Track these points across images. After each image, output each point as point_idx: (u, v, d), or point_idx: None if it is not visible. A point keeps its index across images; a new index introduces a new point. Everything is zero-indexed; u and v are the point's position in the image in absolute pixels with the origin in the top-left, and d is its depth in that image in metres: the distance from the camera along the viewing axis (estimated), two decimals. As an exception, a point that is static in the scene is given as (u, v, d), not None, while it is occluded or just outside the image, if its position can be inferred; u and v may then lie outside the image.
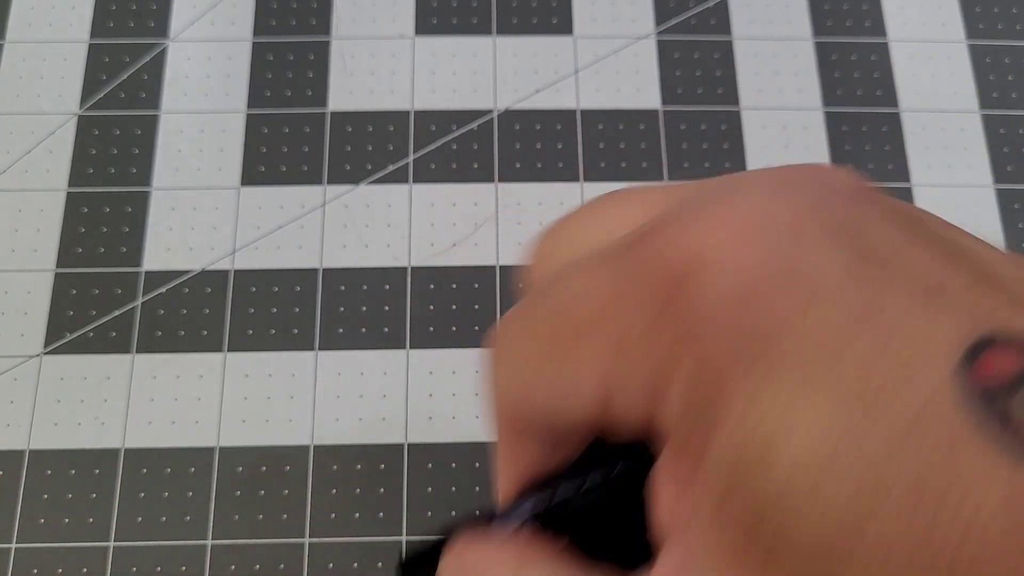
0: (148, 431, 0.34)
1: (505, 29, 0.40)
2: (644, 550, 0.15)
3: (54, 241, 0.37)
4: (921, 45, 0.40)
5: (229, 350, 0.35)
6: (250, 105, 0.39)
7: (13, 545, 0.32)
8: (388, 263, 0.36)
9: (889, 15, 0.41)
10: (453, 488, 0.34)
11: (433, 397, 0.35)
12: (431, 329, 0.36)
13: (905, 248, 0.11)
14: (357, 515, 0.33)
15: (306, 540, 0.33)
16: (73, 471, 0.33)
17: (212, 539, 0.33)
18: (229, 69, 0.40)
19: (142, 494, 0.33)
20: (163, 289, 0.36)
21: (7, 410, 0.34)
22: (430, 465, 0.34)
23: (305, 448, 0.34)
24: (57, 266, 0.36)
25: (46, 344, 0.35)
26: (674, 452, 0.12)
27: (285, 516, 0.33)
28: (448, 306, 0.36)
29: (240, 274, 0.36)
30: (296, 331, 0.35)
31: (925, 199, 0.38)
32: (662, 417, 0.12)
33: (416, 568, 0.18)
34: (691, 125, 0.39)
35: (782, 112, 0.39)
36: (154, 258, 0.36)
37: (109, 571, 0.32)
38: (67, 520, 0.33)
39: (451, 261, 0.37)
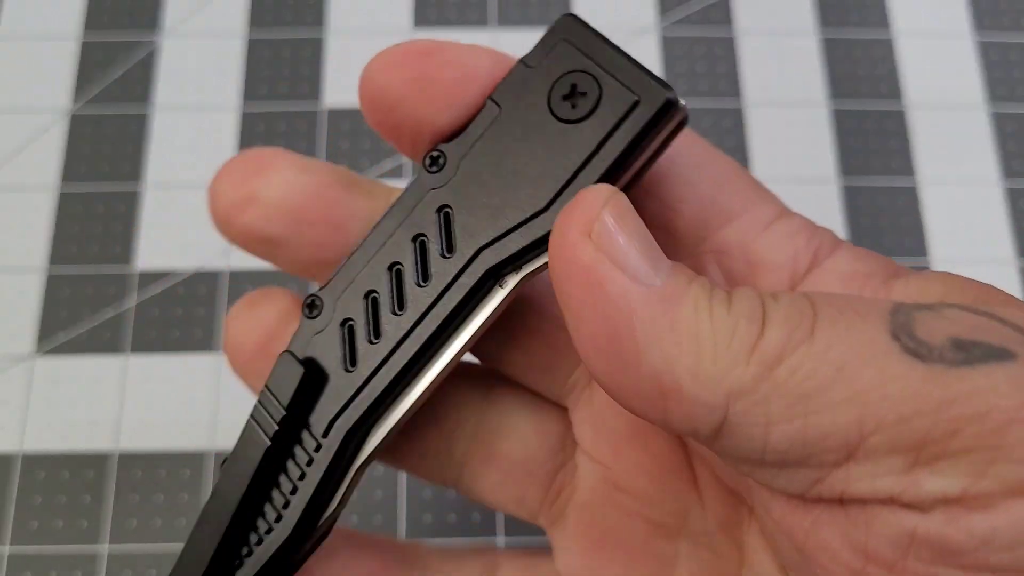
0: (142, 433, 0.34)
1: (505, 21, 0.40)
2: None
3: (47, 240, 0.36)
4: (928, 40, 0.40)
5: (224, 351, 0.35)
6: (245, 101, 0.38)
7: (7, 548, 0.32)
8: (385, 262, 0.36)
9: (895, 9, 0.40)
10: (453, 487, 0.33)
11: (431, 399, 0.34)
12: (429, 329, 0.35)
13: None
14: (355, 517, 0.33)
15: (303, 544, 0.32)
16: (66, 474, 0.33)
17: (208, 542, 0.32)
18: (223, 65, 0.39)
19: (136, 497, 0.33)
20: (157, 289, 0.36)
21: (-1, 412, 0.34)
22: (428, 468, 0.33)
23: (301, 451, 0.33)
24: (50, 265, 0.36)
25: (39, 345, 0.35)
26: None
27: (281, 520, 0.33)
28: (446, 306, 0.35)
29: (235, 274, 0.36)
30: (292, 332, 0.35)
31: (931, 196, 0.37)
32: None
33: None
34: (694, 121, 0.38)
35: (786, 108, 0.39)
36: (148, 258, 0.36)
37: (103, 575, 0.32)
38: (60, 524, 0.32)
39: (449, 260, 0.36)
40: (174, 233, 0.36)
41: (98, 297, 0.35)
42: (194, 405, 0.34)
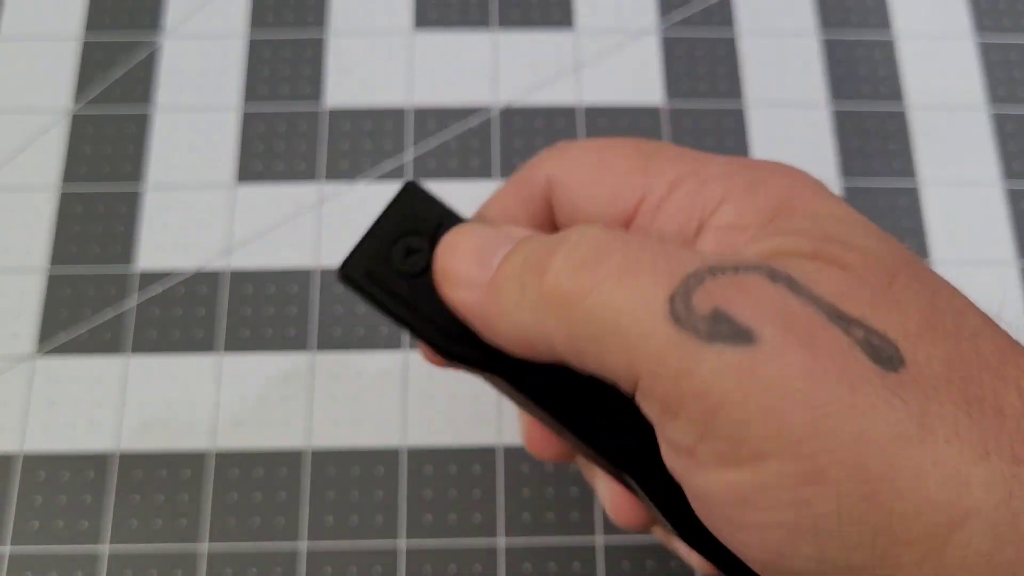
0: (142, 434, 0.34)
1: (506, 23, 0.40)
2: None
3: (47, 240, 0.36)
4: (928, 41, 0.40)
5: (225, 351, 0.35)
6: (246, 102, 0.38)
7: (7, 548, 0.32)
8: (386, 263, 0.36)
9: (896, 10, 0.40)
10: (452, 491, 0.33)
11: (433, 399, 0.34)
12: (430, 330, 0.35)
13: None
14: (355, 519, 0.33)
15: (304, 544, 0.32)
16: (67, 474, 0.33)
17: (209, 542, 0.32)
18: (224, 65, 0.39)
19: (137, 498, 0.33)
20: (158, 289, 0.35)
21: (0, 413, 0.34)
22: (430, 469, 0.33)
23: (302, 452, 0.33)
24: (51, 265, 0.36)
25: (40, 345, 0.35)
26: None
27: (282, 520, 0.33)
28: (447, 307, 0.35)
29: (236, 274, 0.36)
30: (293, 332, 0.35)
31: (932, 197, 0.37)
32: None
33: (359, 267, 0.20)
34: (695, 122, 0.38)
35: (787, 109, 0.39)
36: (149, 258, 0.36)
37: (104, 576, 0.32)
38: (61, 524, 0.32)
39: (450, 261, 0.36)
40: (174, 233, 0.36)
41: (99, 297, 0.35)
42: (194, 405, 0.34)
